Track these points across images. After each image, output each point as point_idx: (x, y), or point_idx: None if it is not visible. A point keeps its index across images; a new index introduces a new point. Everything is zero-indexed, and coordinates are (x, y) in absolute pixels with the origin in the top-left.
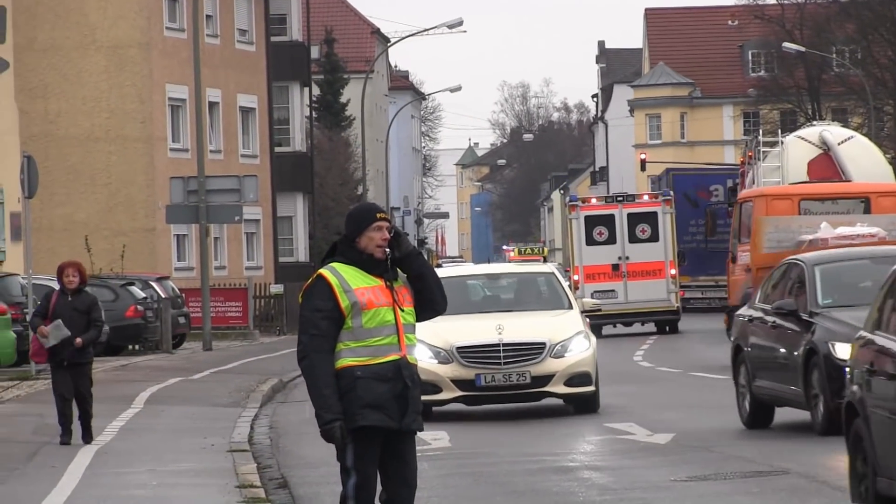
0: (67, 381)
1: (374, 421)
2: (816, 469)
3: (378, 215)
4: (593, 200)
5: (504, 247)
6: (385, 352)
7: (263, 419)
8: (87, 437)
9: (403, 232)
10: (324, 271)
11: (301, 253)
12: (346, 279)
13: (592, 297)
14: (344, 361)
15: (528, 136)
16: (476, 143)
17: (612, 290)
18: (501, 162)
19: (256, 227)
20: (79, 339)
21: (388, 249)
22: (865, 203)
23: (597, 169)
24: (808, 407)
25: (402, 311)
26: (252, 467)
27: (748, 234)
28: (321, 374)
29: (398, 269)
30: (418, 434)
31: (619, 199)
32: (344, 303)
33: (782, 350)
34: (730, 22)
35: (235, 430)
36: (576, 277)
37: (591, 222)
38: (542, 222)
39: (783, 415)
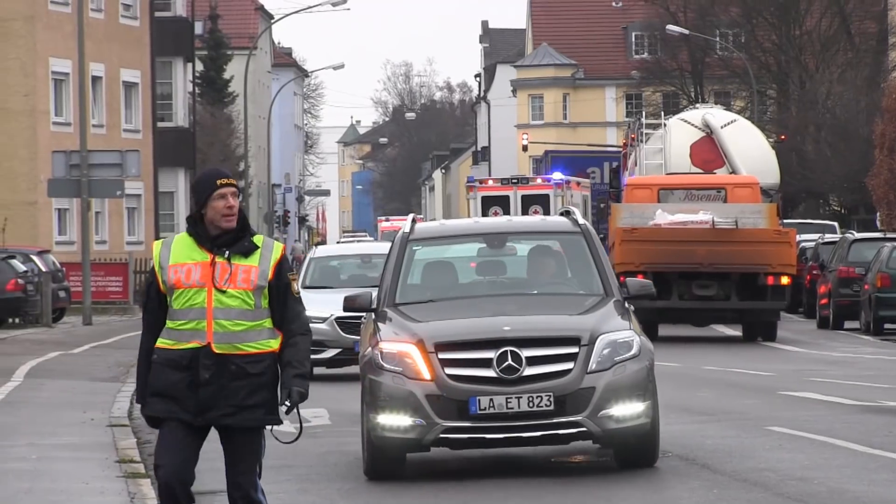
0: None
1: (160, 412)
2: (696, 452)
3: (219, 182)
4: (490, 182)
5: (379, 217)
6: (188, 337)
7: None
8: None
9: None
10: (156, 243)
11: (182, 228)
12: (172, 254)
13: None
14: (158, 342)
15: (410, 115)
16: (358, 121)
17: None
18: (383, 140)
19: (138, 202)
20: None
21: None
22: (723, 193)
23: (479, 149)
24: None
25: (223, 293)
26: (132, 442)
27: None
28: (140, 354)
29: (253, 242)
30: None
31: (514, 181)
32: (161, 279)
33: None
34: (614, 3)
35: (115, 405)
36: None
37: (487, 202)
38: (423, 201)
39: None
